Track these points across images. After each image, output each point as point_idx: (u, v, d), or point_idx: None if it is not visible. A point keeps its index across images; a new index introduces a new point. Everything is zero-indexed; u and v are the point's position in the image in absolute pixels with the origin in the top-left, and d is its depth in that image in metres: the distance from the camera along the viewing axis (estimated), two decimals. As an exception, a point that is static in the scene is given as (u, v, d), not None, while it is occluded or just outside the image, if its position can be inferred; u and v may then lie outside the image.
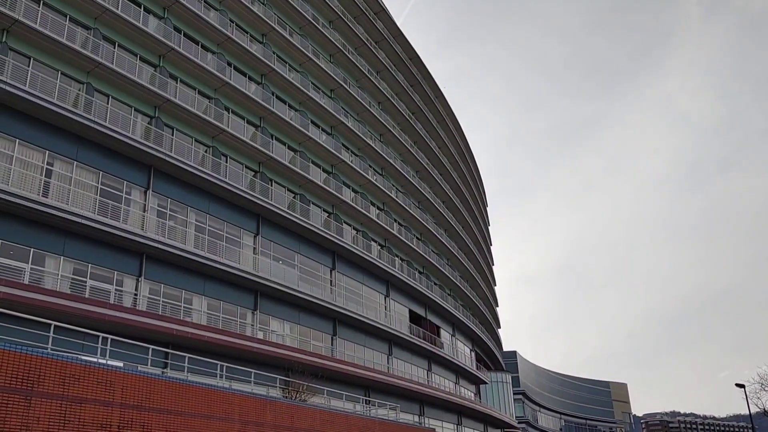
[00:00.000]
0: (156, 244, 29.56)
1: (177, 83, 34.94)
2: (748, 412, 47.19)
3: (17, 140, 25.96)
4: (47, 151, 27.00)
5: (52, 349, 13.32)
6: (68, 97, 28.64)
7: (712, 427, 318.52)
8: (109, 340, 15.83)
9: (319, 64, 46.62)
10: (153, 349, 18.29)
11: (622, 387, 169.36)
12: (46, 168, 26.96)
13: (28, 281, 24.88)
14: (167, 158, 31.06)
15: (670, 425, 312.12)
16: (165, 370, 26.25)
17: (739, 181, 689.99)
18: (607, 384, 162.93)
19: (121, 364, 15.25)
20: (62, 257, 26.63)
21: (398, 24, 61.97)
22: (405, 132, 60.32)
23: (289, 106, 43.76)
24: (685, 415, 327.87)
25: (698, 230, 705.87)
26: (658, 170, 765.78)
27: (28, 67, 27.35)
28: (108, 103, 30.47)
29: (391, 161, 54.39)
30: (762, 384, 54.66)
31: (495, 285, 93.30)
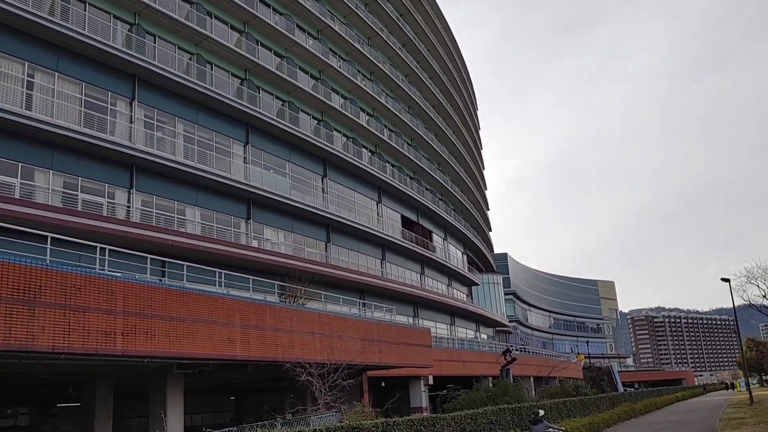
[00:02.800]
0: (145, 156, 29.28)
1: (156, -13, 33.53)
2: (731, 306, 48.54)
3: (-6, 51, 25.13)
4: (27, 62, 26.21)
5: (51, 261, 13.40)
6: (43, 3, 27.52)
7: (695, 321, 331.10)
8: (107, 251, 15.90)
9: (303, -36, 44.74)
10: (150, 258, 18.39)
11: (610, 285, 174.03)
12: (27, 80, 26.25)
13: (19, 196, 24.74)
14: (151, 67, 30.27)
15: (655, 320, 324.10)
16: (163, 280, 26.59)
17: (740, 74, 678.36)
18: (595, 282, 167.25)
19: (119, 275, 15.37)
20: (51, 171, 26.39)
21: None
22: (393, 35, 58.76)
23: (274, 9, 42.33)
24: (670, 310, 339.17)
25: (697, 125, 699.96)
26: (656, 64, 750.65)
27: (-1, -27, 26.06)
28: (86, 11, 29.33)
29: (380, 65, 53.30)
30: (748, 277, 56.20)
31: (486, 189, 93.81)
